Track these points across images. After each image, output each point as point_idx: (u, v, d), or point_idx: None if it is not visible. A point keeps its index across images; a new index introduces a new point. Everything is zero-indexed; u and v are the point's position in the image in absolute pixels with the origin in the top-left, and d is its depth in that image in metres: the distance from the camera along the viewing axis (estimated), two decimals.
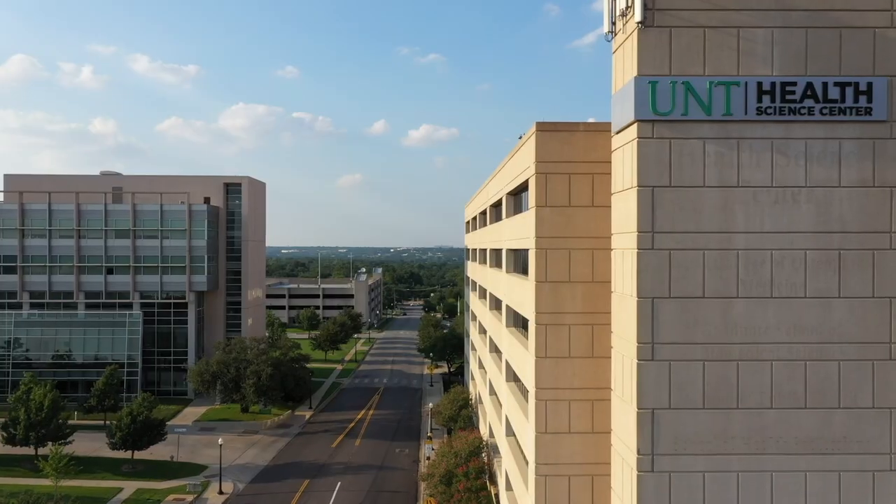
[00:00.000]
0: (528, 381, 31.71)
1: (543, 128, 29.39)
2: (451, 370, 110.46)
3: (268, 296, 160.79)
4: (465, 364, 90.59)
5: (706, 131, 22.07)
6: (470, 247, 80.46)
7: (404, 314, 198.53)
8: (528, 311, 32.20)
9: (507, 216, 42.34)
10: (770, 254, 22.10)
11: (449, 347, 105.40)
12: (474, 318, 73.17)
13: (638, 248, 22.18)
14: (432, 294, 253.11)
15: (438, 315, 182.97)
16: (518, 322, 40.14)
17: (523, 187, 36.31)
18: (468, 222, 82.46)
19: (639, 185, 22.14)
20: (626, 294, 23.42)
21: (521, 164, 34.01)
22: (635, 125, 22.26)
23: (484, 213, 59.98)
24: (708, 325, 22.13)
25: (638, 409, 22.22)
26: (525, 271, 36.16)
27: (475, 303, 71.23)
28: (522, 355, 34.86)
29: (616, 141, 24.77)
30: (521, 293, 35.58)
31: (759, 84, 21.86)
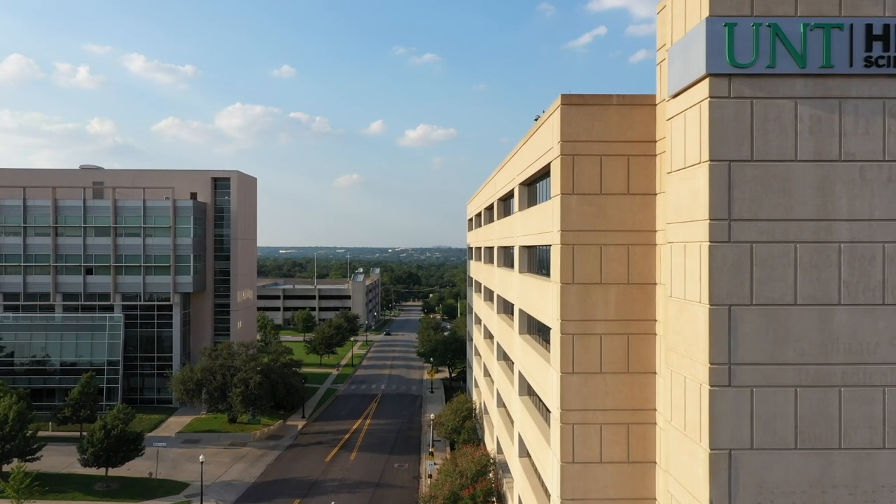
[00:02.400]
0: (551, 400, 27.00)
1: (570, 101, 25.04)
2: (453, 375, 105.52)
3: (262, 297, 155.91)
4: (468, 370, 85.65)
5: (799, 88, 17.07)
6: (473, 245, 75.80)
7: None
8: (549, 317, 27.48)
9: (520, 209, 37.89)
10: (882, 248, 17.17)
11: (450, 351, 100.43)
12: (478, 321, 68.36)
13: (710, 241, 17.15)
14: (431, 295, 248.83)
15: (438, 316, 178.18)
16: (533, 328, 35.35)
17: (541, 174, 31.57)
18: (471, 219, 77.84)
19: (711, 160, 17.10)
20: (690, 300, 18.36)
21: (542, 146, 29.18)
22: (706, 81, 17.23)
23: (490, 207, 55.38)
24: (801, 340, 17.14)
25: (710, 449, 17.17)
26: (543, 271, 31.40)
27: (479, 305, 66.45)
28: (542, 369, 30.08)
29: (674, 106, 19.70)
30: (539, 297, 30.79)
31: (868, 27, 16.92)
